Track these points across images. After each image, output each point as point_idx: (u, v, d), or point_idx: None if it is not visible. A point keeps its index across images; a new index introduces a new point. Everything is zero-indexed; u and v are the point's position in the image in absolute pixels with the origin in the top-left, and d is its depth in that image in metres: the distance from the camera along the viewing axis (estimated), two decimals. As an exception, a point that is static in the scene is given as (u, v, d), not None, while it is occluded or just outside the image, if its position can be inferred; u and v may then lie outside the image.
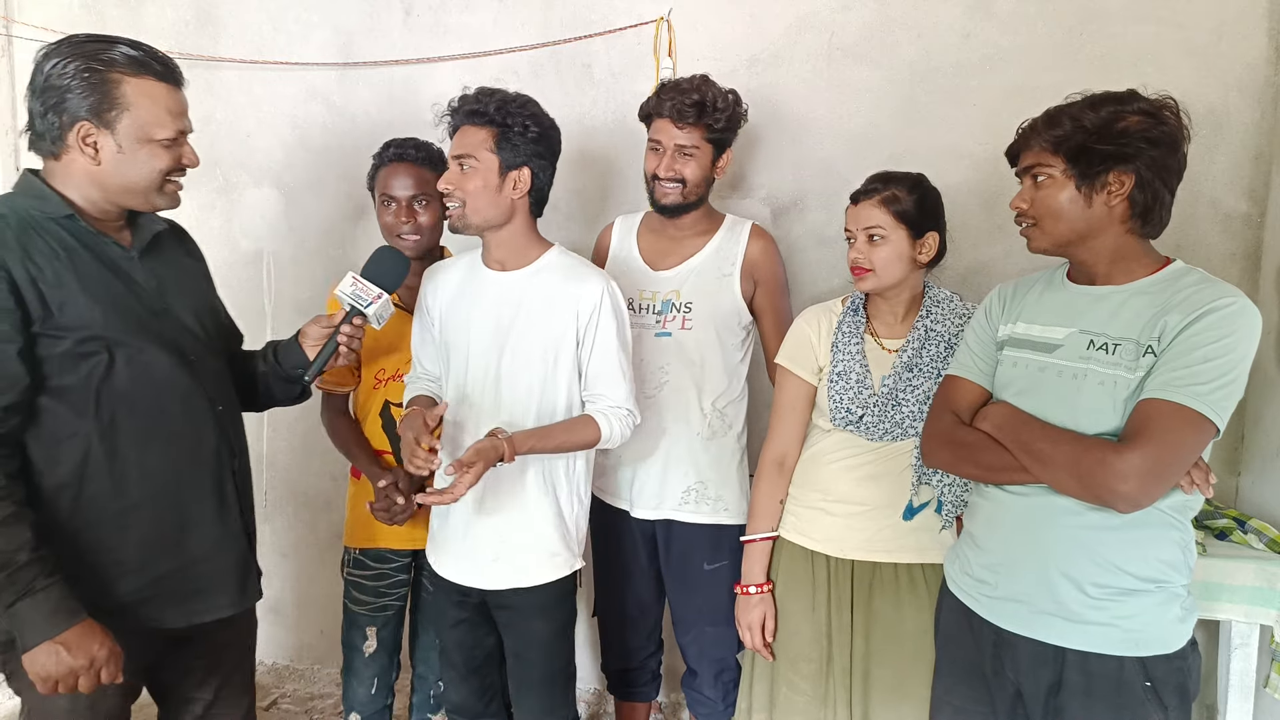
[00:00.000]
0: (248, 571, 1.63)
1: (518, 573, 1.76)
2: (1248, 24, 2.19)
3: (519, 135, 1.69)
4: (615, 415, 1.74)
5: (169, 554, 1.49)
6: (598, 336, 1.73)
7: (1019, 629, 1.44)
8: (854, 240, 1.73)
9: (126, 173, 1.44)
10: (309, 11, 2.73)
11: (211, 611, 1.55)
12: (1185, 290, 1.34)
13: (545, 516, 1.76)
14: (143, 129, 1.43)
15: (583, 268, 1.79)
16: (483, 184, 1.68)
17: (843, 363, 1.75)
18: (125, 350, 1.42)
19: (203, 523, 1.53)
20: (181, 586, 1.51)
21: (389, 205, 2.00)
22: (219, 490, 1.55)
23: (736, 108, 2.01)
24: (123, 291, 1.45)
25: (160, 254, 1.57)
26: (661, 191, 1.99)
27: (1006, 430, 1.43)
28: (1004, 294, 1.58)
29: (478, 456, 1.57)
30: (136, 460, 1.44)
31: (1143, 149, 1.34)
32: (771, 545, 1.85)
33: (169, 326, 1.51)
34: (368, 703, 2.16)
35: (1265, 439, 2.21)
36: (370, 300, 1.65)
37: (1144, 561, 1.36)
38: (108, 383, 1.41)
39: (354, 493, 2.13)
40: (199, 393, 1.53)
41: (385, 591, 2.11)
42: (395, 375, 2.04)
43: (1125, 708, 1.37)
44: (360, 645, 2.13)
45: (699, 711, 2.18)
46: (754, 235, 2.08)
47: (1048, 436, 1.37)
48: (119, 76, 1.40)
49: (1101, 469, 1.28)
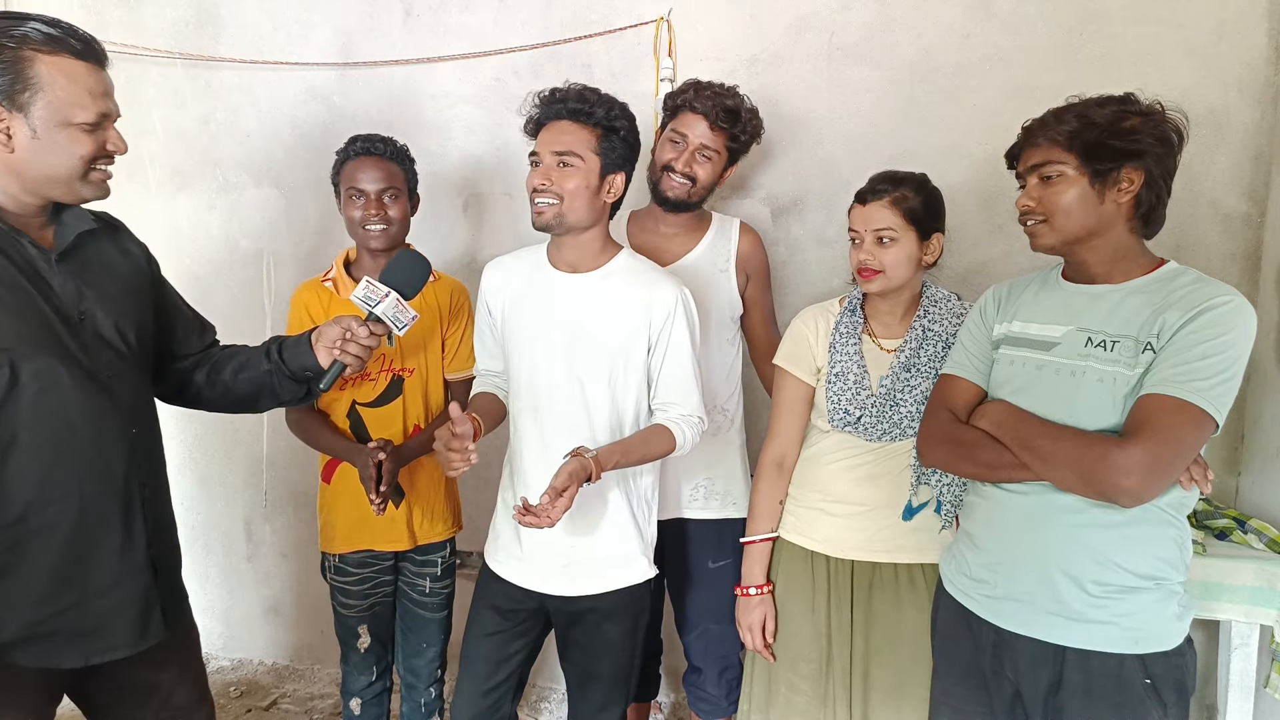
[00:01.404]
0: (149, 610, 1.46)
1: (587, 579, 1.73)
2: (1248, 24, 2.19)
3: (621, 140, 1.67)
4: (688, 424, 1.72)
5: (68, 588, 1.36)
6: (671, 344, 1.70)
7: (1019, 628, 1.44)
8: (860, 241, 1.72)
9: (45, 160, 1.31)
10: (309, 11, 2.73)
11: (109, 651, 1.41)
12: (1183, 289, 1.35)
13: (616, 523, 1.74)
14: (60, 112, 1.29)
15: (655, 273, 1.75)
16: (584, 184, 1.64)
17: (840, 364, 1.75)
18: (31, 365, 1.29)
19: (104, 556, 1.39)
20: (79, 624, 1.38)
21: (357, 199, 1.99)
22: (125, 522, 1.42)
23: (760, 125, 2.06)
24: (34, 299, 1.32)
25: (85, 256, 1.42)
26: (670, 184, 2.00)
27: (1006, 428, 1.44)
28: (999, 293, 1.59)
29: (570, 480, 1.53)
30: (37, 485, 1.32)
31: (1153, 146, 1.35)
32: (771, 546, 1.85)
33: (85, 339, 1.38)
34: (366, 688, 2.19)
35: (1265, 439, 2.21)
36: (378, 299, 1.59)
37: (1143, 559, 1.37)
38: (10, 400, 1.28)
39: (327, 497, 2.10)
40: (111, 414, 1.40)
41: (371, 592, 2.11)
42: (364, 375, 2.02)
43: (1125, 705, 1.37)
44: (354, 642, 2.15)
45: (701, 709, 2.18)
46: (743, 231, 2.14)
47: (1048, 433, 1.38)
48: (31, 54, 1.27)
49: (1104, 464, 1.29)
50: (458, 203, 2.70)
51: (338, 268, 2.08)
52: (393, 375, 2.04)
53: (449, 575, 2.18)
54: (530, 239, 1.85)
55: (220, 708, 2.79)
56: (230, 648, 3.14)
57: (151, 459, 1.50)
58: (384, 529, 2.04)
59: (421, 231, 2.31)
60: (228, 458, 3.03)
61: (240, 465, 2.99)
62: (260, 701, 2.87)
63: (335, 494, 2.07)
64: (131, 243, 1.58)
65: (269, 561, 3.06)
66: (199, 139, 2.86)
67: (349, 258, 2.10)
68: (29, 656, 1.35)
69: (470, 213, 2.72)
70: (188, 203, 2.88)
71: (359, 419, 2.04)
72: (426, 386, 2.09)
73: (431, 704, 2.22)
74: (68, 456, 1.35)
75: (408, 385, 2.05)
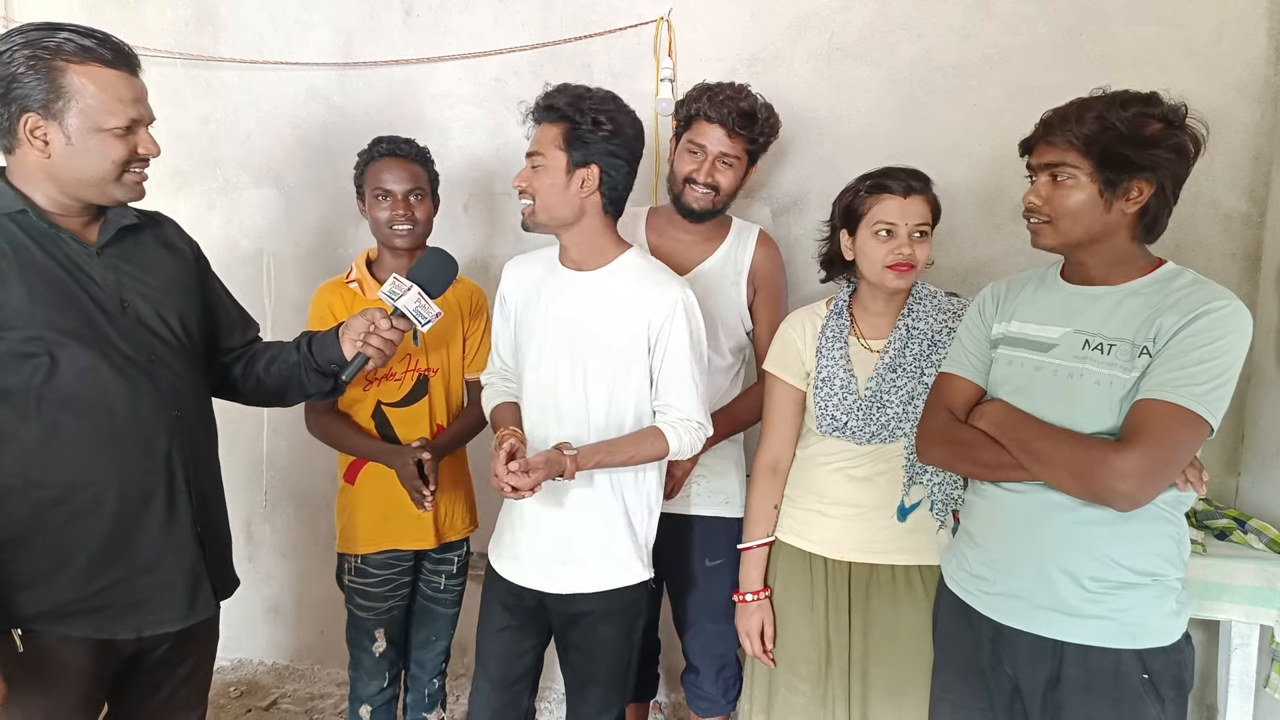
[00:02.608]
0: (198, 584, 1.52)
1: (584, 578, 1.74)
2: (1248, 24, 2.19)
3: (589, 132, 1.63)
4: (685, 427, 1.69)
5: (114, 563, 1.42)
6: (670, 345, 1.68)
7: (1017, 624, 1.44)
8: (893, 234, 1.67)
9: (79, 164, 1.38)
10: (309, 11, 2.73)
11: (160, 624, 1.48)
12: (1179, 292, 1.35)
13: (614, 523, 1.74)
14: (91, 118, 1.36)
15: (660, 273, 1.73)
16: (552, 181, 1.65)
17: (827, 369, 1.74)
18: (69, 352, 1.36)
19: (148, 533, 1.45)
20: (128, 598, 1.44)
21: (383, 199, 1.99)
22: (169, 500, 1.47)
23: (777, 120, 2.02)
24: (74, 290, 1.39)
25: (127, 249, 1.49)
26: (694, 196, 1.98)
27: (1004, 429, 1.44)
28: (997, 292, 1.59)
29: (545, 466, 1.56)
30: (79, 466, 1.38)
31: (1169, 160, 1.34)
32: (768, 551, 1.85)
33: (126, 327, 1.44)
34: (377, 694, 2.16)
35: (1265, 439, 2.21)
36: (401, 294, 1.61)
37: (1140, 555, 1.37)
38: (50, 385, 1.35)
39: (350, 498, 2.10)
40: (153, 397, 1.45)
41: (391, 594, 2.10)
42: (389, 374, 2.03)
43: (1123, 701, 1.37)
44: (369, 646, 2.12)
45: (699, 707, 2.18)
46: (760, 242, 2.10)
47: (1046, 435, 1.38)
48: (64, 65, 1.34)
49: (1101, 468, 1.29)
50: (458, 203, 2.70)
51: (360, 269, 2.08)
52: (418, 375, 2.05)
53: (464, 573, 2.19)
54: (530, 239, 1.85)
55: (220, 708, 2.80)
56: (230, 648, 3.13)
57: (194, 440, 1.54)
58: (411, 527, 2.03)
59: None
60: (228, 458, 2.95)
61: (240, 465, 2.99)
62: (260, 701, 2.87)
63: (360, 494, 2.06)
64: (178, 237, 1.65)
65: (269, 561, 3.06)
66: (199, 139, 2.86)
67: (370, 257, 2.11)
68: (83, 628, 1.41)
69: (471, 213, 2.72)
70: (188, 203, 2.88)
71: (385, 419, 2.04)
72: (449, 386, 2.10)
73: (435, 694, 2.23)
74: (107, 439, 1.41)
75: (433, 384, 2.06)
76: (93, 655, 1.43)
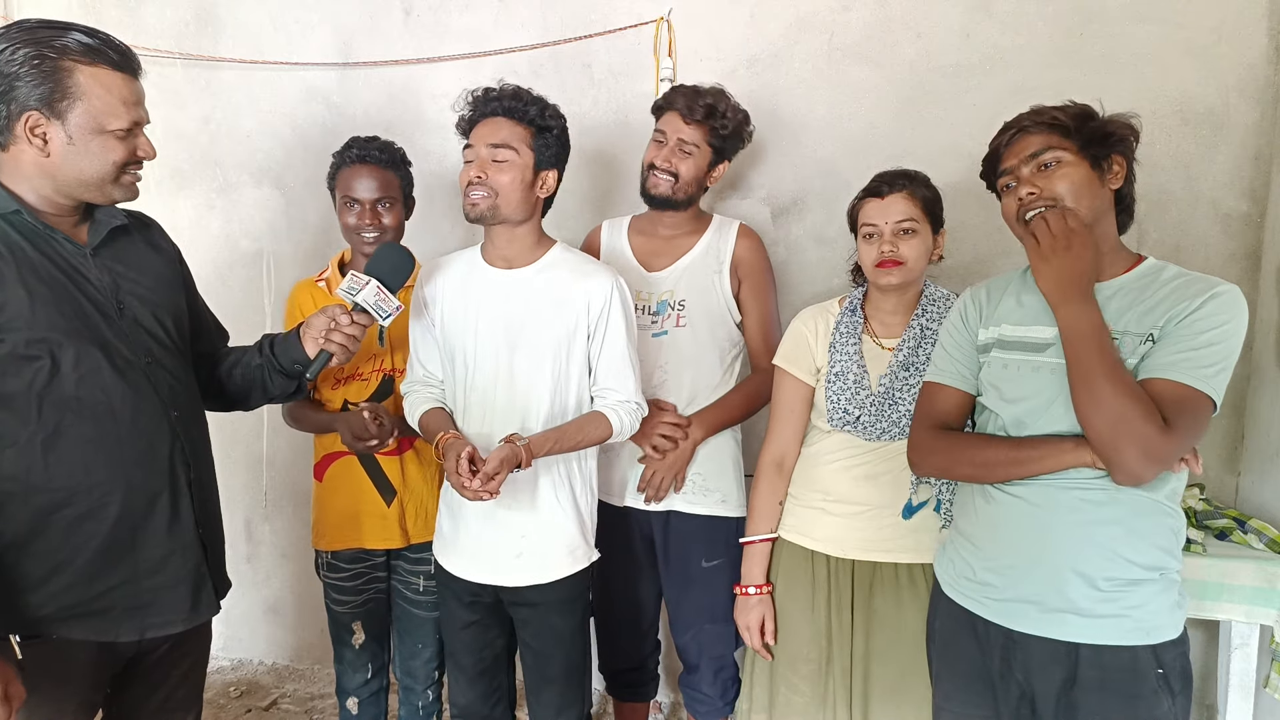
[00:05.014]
0: (201, 585, 1.53)
1: (540, 569, 1.76)
2: (1248, 24, 2.19)
3: (554, 139, 1.73)
4: (625, 409, 1.76)
5: (119, 566, 1.42)
6: (608, 331, 1.74)
7: (1030, 629, 1.43)
8: (878, 235, 1.71)
9: (78, 164, 1.37)
10: (309, 11, 2.73)
11: (164, 626, 1.47)
12: (1174, 281, 1.37)
13: (564, 511, 1.77)
14: (95, 119, 1.36)
15: (589, 264, 1.79)
16: (519, 179, 1.69)
17: (840, 363, 1.75)
18: (71, 354, 1.35)
19: (152, 535, 1.45)
20: (132, 600, 1.43)
21: (351, 207, 2.00)
22: (173, 502, 1.47)
23: (744, 122, 2.07)
24: (72, 291, 1.38)
25: (119, 250, 1.49)
26: (653, 181, 2.03)
27: (1091, 340, 1.33)
28: (978, 297, 1.57)
29: (502, 466, 1.59)
30: (82, 470, 1.37)
31: (1128, 136, 1.38)
32: (771, 546, 1.85)
33: (123, 328, 1.43)
34: (362, 687, 2.18)
35: (1265, 439, 2.21)
36: (359, 288, 1.62)
37: (1146, 550, 1.37)
38: (51, 388, 1.34)
39: (319, 494, 2.11)
40: (152, 399, 1.45)
41: (364, 589, 2.11)
42: (356, 374, 2.04)
43: (1140, 697, 1.37)
44: (349, 639, 2.14)
45: (697, 709, 2.18)
46: (741, 234, 2.12)
47: (1116, 377, 1.28)
48: (71, 65, 1.33)
49: (1143, 441, 1.26)
50: (458, 202, 2.68)
51: (333, 267, 2.11)
52: (384, 375, 2.05)
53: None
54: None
55: (220, 708, 2.80)
56: (230, 648, 3.14)
57: (193, 441, 1.54)
58: (376, 527, 2.04)
59: (421, 231, 2.31)
60: (227, 458, 3.02)
61: (240, 465, 2.99)
62: (260, 701, 2.87)
63: (327, 491, 2.08)
64: (163, 239, 1.64)
65: (269, 561, 3.06)
66: (199, 139, 2.86)
67: (344, 258, 2.12)
68: (85, 631, 1.40)
69: (470, 213, 2.72)
70: (188, 203, 2.88)
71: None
72: None
73: (430, 706, 2.20)
74: (110, 442, 1.40)
75: (399, 383, 2.05)
76: (94, 658, 1.42)
